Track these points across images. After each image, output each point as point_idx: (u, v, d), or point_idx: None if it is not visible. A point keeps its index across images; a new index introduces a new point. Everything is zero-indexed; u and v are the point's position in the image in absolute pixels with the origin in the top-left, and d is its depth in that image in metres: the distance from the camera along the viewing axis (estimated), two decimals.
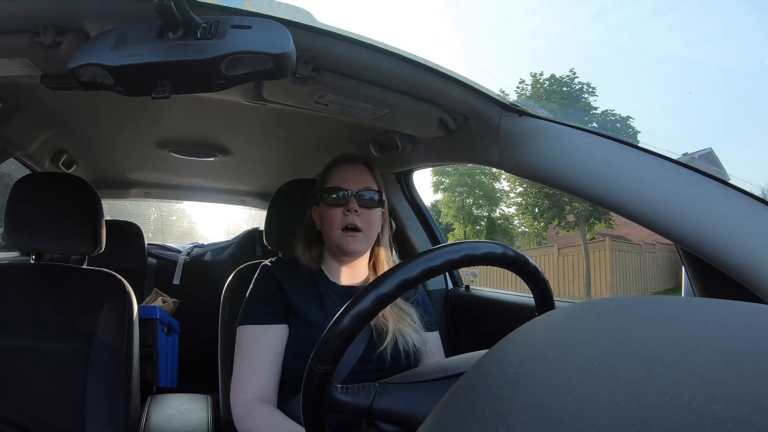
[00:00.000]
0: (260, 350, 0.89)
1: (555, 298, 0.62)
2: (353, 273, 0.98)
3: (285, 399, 0.89)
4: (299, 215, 1.02)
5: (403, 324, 0.91)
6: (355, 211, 0.90)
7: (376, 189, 0.94)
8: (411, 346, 0.90)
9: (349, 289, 0.96)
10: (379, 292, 0.51)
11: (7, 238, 1.02)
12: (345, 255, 0.94)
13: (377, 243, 0.97)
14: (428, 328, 0.98)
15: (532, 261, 0.58)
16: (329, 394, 0.54)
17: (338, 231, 0.91)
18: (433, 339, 0.99)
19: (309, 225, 0.98)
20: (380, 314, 0.75)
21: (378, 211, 0.94)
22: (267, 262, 1.00)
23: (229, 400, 0.89)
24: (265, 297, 0.94)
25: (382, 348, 0.87)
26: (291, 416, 0.83)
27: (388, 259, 0.99)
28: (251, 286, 0.97)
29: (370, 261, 0.99)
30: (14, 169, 1.68)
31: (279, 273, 0.96)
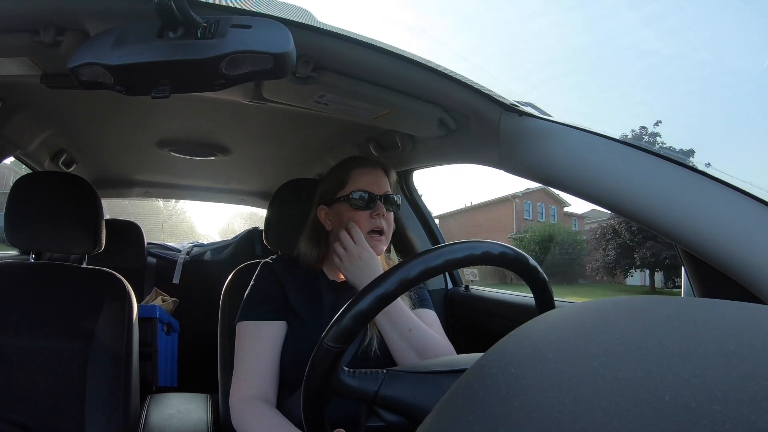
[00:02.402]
0: (259, 346, 0.89)
1: (555, 298, 0.62)
2: None
3: (282, 397, 0.89)
4: (299, 215, 1.02)
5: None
6: (383, 215, 0.91)
7: (392, 192, 0.96)
8: None
9: (350, 290, 0.96)
10: (401, 276, 0.51)
11: (7, 237, 1.02)
12: None
13: None
14: (421, 304, 0.96)
15: (532, 261, 0.58)
16: (336, 376, 0.54)
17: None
18: (429, 316, 0.96)
19: (316, 224, 0.97)
20: None
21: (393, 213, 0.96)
22: (268, 259, 1.00)
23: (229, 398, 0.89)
24: (265, 294, 0.94)
25: (369, 339, 0.88)
26: (288, 414, 0.83)
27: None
28: (252, 282, 0.97)
29: None
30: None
31: (280, 271, 0.96)
